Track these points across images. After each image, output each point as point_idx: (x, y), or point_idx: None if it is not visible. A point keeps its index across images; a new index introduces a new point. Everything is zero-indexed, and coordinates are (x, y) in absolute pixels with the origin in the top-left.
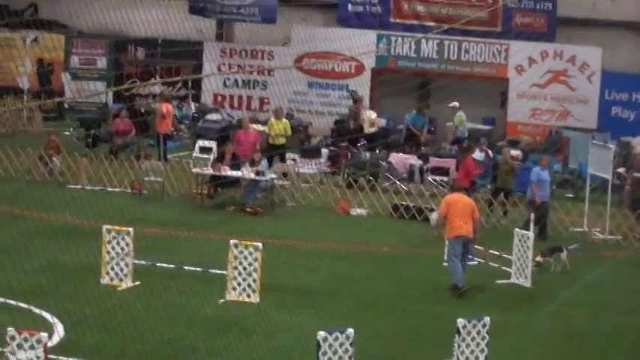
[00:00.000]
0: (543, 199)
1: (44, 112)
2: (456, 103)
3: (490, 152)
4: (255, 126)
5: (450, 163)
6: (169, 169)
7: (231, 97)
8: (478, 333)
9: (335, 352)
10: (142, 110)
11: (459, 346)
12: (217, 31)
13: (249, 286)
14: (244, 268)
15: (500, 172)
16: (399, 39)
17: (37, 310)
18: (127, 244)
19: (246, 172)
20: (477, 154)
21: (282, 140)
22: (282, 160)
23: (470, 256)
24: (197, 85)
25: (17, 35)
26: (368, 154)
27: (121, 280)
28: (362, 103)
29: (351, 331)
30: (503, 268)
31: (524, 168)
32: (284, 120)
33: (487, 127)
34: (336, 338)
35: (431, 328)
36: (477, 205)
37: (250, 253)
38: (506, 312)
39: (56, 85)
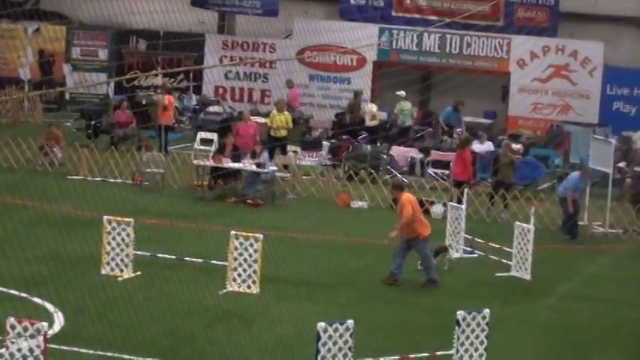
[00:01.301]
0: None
1: (45, 103)
2: (402, 92)
3: (491, 144)
4: (256, 118)
5: (450, 156)
6: (170, 160)
7: (233, 89)
8: (478, 325)
9: (335, 343)
10: (144, 102)
11: (459, 338)
12: (219, 23)
13: (249, 277)
14: (245, 259)
15: (500, 166)
16: (401, 32)
17: (37, 300)
18: (128, 235)
19: (247, 164)
20: (479, 146)
21: (283, 132)
22: (284, 152)
23: (470, 249)
24: (198, 76)
25: (19, 26)
26: (369, 147)
27: (122, 270)
28: (362, 96)
29: (351, 322)
30: (503, 260)
31: (525, 162)
32: (285, 112)
33: (488, 121)
34: (336, 329)
35: (431, 320)
36: (478, 198)
37: (251, 245)
38: (506, 304)
39: (57, 76)
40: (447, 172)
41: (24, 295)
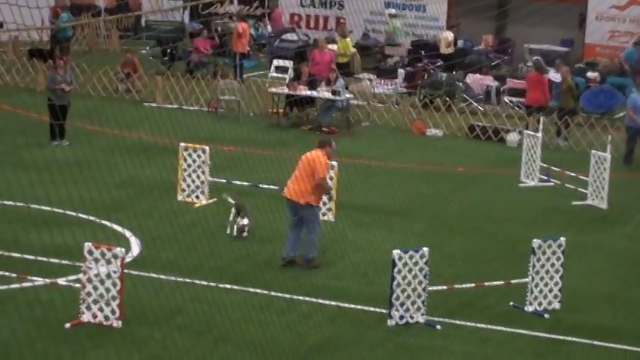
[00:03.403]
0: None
1: (121, 31)
2: (392, 10)
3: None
4: (331, 46)
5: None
6: (246, 88)
7: (308, 16)
8: (553, 253)
9: (410, 271)
10: (219, 29)
11: (534, 266)
12: None
13: (324, 204)
14: None
15: (560, 92)
16: None
17: (115, 226)
18: (204, 162)
19: (323, 92)
20: (556, 74)
21: (343, 59)
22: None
23: (546, 177)
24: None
25: None
26: (444, 75)
27: (197, 197)
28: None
29: (426, 249)
30: (580, 189)
31: (601, 90)
32: (347, 39)
33: (565, 49)
34: (411, 257)
35: (506, 249)
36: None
37: None
38: (581, 233)
39: (133, 3)
40: (522, 100)
41: (102, 221)
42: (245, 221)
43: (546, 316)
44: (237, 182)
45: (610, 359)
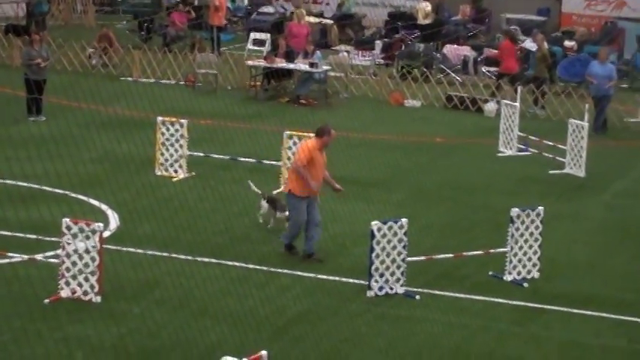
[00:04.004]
0: (599, 92)
1: (97, 5)
2: None
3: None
4: (309, 18)
5: None
6: (223, 61)
7: None
8: (532, 222)
9: (389, 242)
10: (195, 2)
11: (513, 236)
12: None
13: None
14: None
15: (535, 61)
16: None
17: (93, 201)
18: (182, 136)
19: (300, 64)
20: (532, 44)
21: None
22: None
23: (523, 146)
24: None
25: None
26: (422, 46)
27: (176, 171)
28: None
29: (404, 220)
30: (557, 158)
31: (578, 59)
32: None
33: (541, 18)
34: (390, 228)
35: (484, 218)
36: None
37: None
38: (559, 201)
39: None
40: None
41: (79, 196)
42: (286, 213)
43: (525, 285)
44: (215, 155)
45: (588, 327)
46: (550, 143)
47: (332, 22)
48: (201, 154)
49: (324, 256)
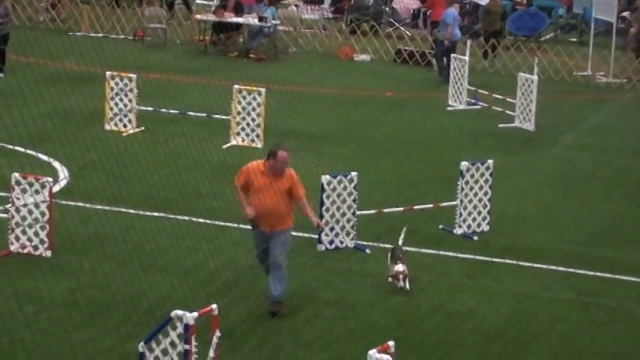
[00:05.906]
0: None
1: None
2: None
3: None
4: None
5: None
6: (172, 15)
7: None
8: (482, 175)
9: (339, 196)
10: None
11: (463, 189)
12: None
13: (252, 130)
14: (248, 113)
15: (484, 14)
16: None
17: (42, 156)
18: (131, 90)
19: (250, 18)
20: None
21: None
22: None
23: (473, 100)
24: None
25: None
26: None
27: (125, 125)
28: None
29: (354, 174)
30: (507, 112)
31: (528, 12)
32: None
33: None
34: (340, 181)
35: (434, 172)
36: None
37: (254, 99)
38: (509, 155)
39: None
40: None
41: (29, 151)
42: (400, 267)
43: (475, 238)
44: (165, 110)
45: (538, 279)
46: (500, 97)
47: None
48: (151, 109)
49: None
